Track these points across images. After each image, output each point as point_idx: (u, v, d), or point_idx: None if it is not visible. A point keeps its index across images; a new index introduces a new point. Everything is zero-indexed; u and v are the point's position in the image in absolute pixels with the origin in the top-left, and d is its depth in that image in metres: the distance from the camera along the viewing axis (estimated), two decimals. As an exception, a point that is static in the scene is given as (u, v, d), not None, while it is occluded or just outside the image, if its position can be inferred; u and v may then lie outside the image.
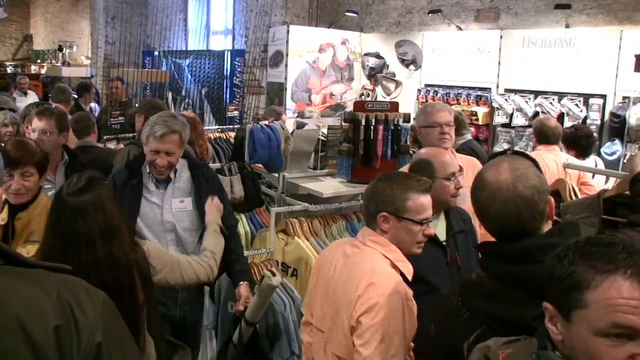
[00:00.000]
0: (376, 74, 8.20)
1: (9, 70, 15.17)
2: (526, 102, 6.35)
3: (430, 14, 7.77)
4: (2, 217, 2.39)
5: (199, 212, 2.66)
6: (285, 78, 8.00)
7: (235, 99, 9.19)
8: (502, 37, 6.75)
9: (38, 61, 16.18)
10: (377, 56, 8.27)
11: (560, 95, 6.09)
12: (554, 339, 1.14)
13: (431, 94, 7.37)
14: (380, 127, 3.54)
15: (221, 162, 4.58)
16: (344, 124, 3.88)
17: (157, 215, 2.63)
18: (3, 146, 2.60)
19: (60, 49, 14.15)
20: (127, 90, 7.55)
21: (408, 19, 8.33)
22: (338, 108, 8.26)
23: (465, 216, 2.69)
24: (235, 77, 9.34)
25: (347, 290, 1.92)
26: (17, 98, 8.26)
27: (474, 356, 1.21)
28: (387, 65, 8.19)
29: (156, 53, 10.89)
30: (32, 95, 9.05)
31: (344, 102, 8.32)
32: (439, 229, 2.48)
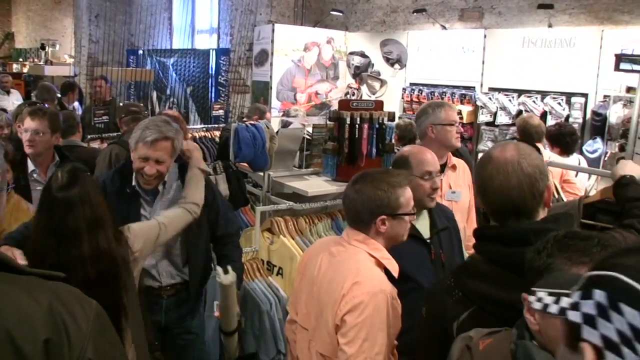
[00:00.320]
0: (361, 72, 8.22)
1: (-9, 68, 14.97)
2: (510, 100, 6.41)
3: (415, 13, 7.81)
4: None
5: (188, 226, 2.52)
6: (271, 77, 7.99)
7: (221, 97, 9.15)
8: (486, 36, 6.81)
9: (20, 60, 15.96)
10: (362, 55, 8.29)
11: (543, 94, 6.16)
12: (532, 329, 1.17)
13: (416, 92, 7.41)
14: (365, 126, 3.54)
15: (206, 162, 4.55)
16: (328, 122, 3.88)
17: None
18: None
19: (43, 47, 14.00)
20: (111, 90, 7.49)
21: (393, 18, 8.36)
22: (323, 107, 8.26)
23: (449, 213, 2.72)
24: (220, 76, 9.31)
25: (332, 289, 1.93)
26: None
27: (457, 346, 1.23)
28: (372, 64, 8.22)
29: (140, 52, 10.81)
30: (15, 94, 8.94)
31: (329, 101, 8.33)
32: (423, 226, 2.50)
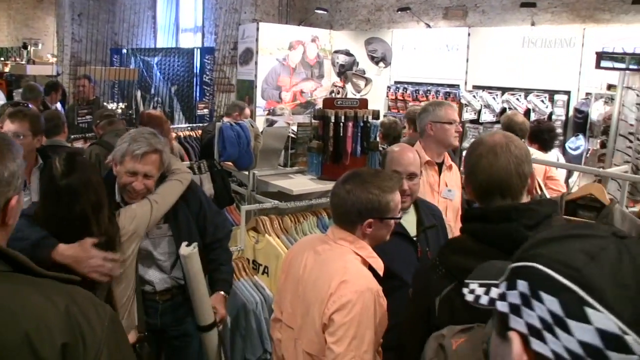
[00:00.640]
0: (346, 71, 8.23)
1: (-29, 68, 14.74)
2: (494, 98, 6.45)
3: (399, 12, 7.83)
4: None
5: (177, 236, 2.51)
6: (255, 76, 7.97)
7: (205, 96, 9.11)
8: (470, 34, 6.85)
9: (1, 59, 15.75)
10: (347, 53, 8.30)
11: (527, 91, 6.21)
12: None
13: (401, 91, 7.44)
14: (350, 124, 3.55)
15: (191, 161, 4.54)
16: (313, 121, 3.89)
17: None
18: None
19: (25, 46, 13.81)
20: (95, 89, 7.43)
21: (377, 16, 8.38)
22: (308, 105, 8.26)
23: (436, 211, 2.74)
24: (205, 75, 9.27)
25: (318, 287, 1.93)
26: (-19, 96, 8.07)
27: (430, 346, 1.24)
28: (357, 63, 8.23)
29: (124, 51, 10.73)
30: (-2, 93, 8.83)
31: (314, 99, 8.33)
32: (410, 224, 2.52)
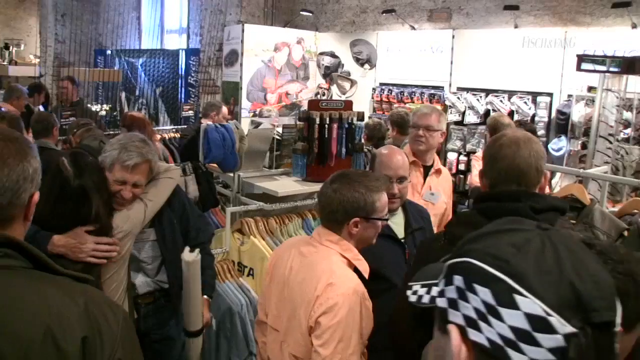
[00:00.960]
0: (331, 73, 8.25)
1: (-48, 69, 14.54)
2: (478, 100, 6.51)
3: (384, 14, 7.87)
4: None
5: (161, 241, 2.53)
6: (241, 77, 7.96)
7: (190, 98, 9.08)
8: (454, 36, 6.90)
9: (-17, 60, 15.57)
10: (332, 55, 8.32)
11: (510, 93, 6.27)
12: None
13: (386, 92, 7.47)
14: (335, 126, 3.56)
15: (175, 162, 4.53)
16: (298, 122, 3.89)
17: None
18: None
19: (7, 47, 13.65)
20: (78, 90, 7.36)
21: (362, 18, 8.41)
22: (294, 107, 8.26)
23: (425, 214, 2.76)
24: (190, 77, 9.24)
25: (304, 290, 1.93)
26: (-39, 98, 7.95)
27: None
28: (342, 64, 8.26)
29: (109, 52, 10.64)
30: (-22, 95, 8.72)
31: (300, 101, 8.34)
32: (398, 226, 2.54)
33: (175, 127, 6.12)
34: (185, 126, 5.98)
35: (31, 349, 1.01)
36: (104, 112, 7.86)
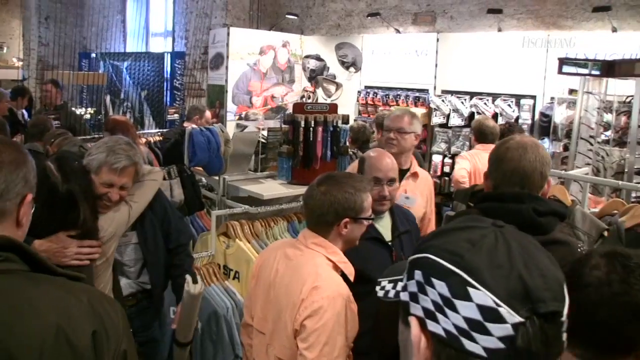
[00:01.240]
0: (317, 76, 8.27)
1: None
2: (462, 102, 6.55)
3: (369, 17, 7.90)
4: None
5: (143, 244, 2.55)
6: (226, 80, 7.95)
7: (176, 101, 9.05)
8: (439, 40, 6.95)
9: (-35, 63, 15.38)
10: (318, 58, 8.34)
11: (494, 96, 6.32)
12: None
13: (371, 95, 7.50)
14: (320, 129, 3.59)
15: (161, 166, 4.51)
16: (283, 126, 3.91)
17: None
18: None
19: (-11, 49, 13.53)
20: (62, 94, 7.29)
21: (348, 21, 8.45)
22: (279, 110, 8.27)
23: (410, 216, 2.77)
24: (175, 80, 9.21)
25: (290, 293, 1.94)
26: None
27: None
28: (328, 68, 8.27)
29: (93, 55, 10.57)
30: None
31: (285, 104, 8.34)
32: (385, 228, 2.54)
33: (160, 130, 6.11)
34: (167, 129, 5.96)
35: (45, 348, 1.04)
36: (88, 116, 7.81)
